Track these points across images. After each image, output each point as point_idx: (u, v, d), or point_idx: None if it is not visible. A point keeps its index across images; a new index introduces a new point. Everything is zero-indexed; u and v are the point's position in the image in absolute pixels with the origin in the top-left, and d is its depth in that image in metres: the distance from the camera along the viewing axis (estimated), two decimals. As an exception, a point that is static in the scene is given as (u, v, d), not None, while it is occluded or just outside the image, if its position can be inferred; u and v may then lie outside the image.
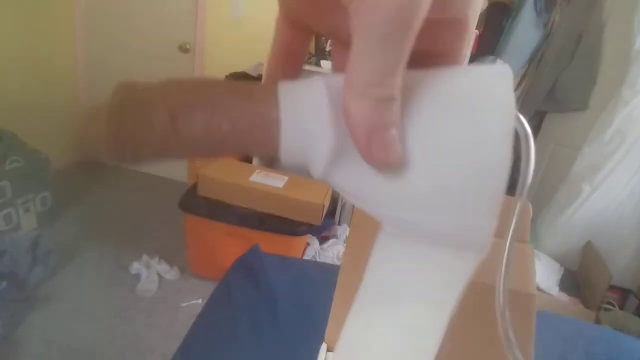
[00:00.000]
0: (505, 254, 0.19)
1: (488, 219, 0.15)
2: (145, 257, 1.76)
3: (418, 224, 0.17)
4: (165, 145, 0.16)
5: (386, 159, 0.15)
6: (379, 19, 0.13)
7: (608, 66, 1.68)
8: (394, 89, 0.14)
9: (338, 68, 0.21)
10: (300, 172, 1.52)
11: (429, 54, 0.18)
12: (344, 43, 0.19)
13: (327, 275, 0.73)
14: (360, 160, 0.16)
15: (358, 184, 0.17)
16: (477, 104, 0.15)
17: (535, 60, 1.88)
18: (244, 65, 2.11)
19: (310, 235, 1.69)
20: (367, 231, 0.56)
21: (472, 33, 0.17)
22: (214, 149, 0.17)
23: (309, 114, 0.16)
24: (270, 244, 1.14)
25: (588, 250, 1.71)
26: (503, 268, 0.19)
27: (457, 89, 0.16)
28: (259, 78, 1.97)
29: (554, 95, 1.83)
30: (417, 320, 0.20)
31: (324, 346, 0.53)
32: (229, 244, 1.53)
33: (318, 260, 1.66)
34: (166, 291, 1.67)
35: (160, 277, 1.72)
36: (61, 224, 1.97)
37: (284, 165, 0.18)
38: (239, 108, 0.17)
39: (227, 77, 2.06)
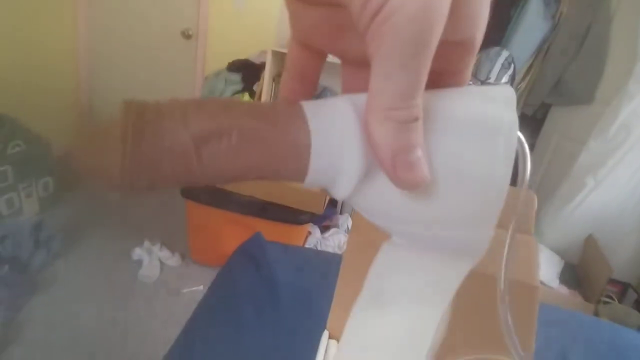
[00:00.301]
0: (507, 245, 0.20)
1: (489, 229, 0.17)
2: (147, 243, 1.77)
3: (429, 236, 0.18)
4: (186, 175, 0.15)
5: (413, 179, 0.15)
6: (399, 43, 0.13)
7: (615, 59, 1.65)
8: (416, 110, 0.15)
9: (348, 88, 0.21)
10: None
11: (434, 74, 0.18)
12: (354, 64, 0.20)
13: (328, 263, 0.74)
14: (383, 180, 0.16)
15: (380, 203, 0.17)
16: (486, 127, 0.16)
17: (542, 52, 1.86)
18: (246, 52, 2.09)
19: (311, 224, 1.69)
20: (371, 223, 0.56)
21: (476, 53, 0.18)
22: (238, 176, 0.16)
23: (339, 138, 0.16)
24: (272, 232, 1.14)
25: (589, 244, 1.72)
26: (505, 257, 0.20)
27: (468, 112, 0.16)
28: (262, 66, 1.95)
29: (560, 88, 1.81)
30: (415, 320, 0.22)
31: (325, 333, 0.54)
32: (231, 232, 1.54)
33: (319, 249, 1.67)
34: (168, 277, 1.68)
35: (162, 264, 1.73)
36: (63, 209, 1.97)
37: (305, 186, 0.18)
38: (267, 133, 0.16)
39: (229, 64, 2.04)
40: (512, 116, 0.16)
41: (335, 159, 0.16)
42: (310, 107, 0.16)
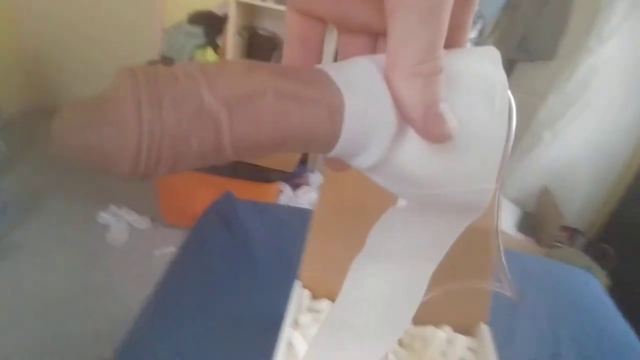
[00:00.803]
0: (498, 195, 0.21)
1: (492, 183, 0.17)
2: (112, 207, 1.71)
3: (440, 196, 0.18)
4: (214, 149, 0.13)
5: (442, 132, 0.15)
6: None
7: (578, 14, 1.68)
8: (439, 62, 0.15)
9: (346, 57, 0.20)
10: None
11: None
12: (352, 32, 0.19)
13: (299, 217, 0.74)
14: (404, 142, 0.16)
15: (399, 166, 0.17)
16: (485, 85, 0.17)
17: (510, 6, 1.85)
18: (208, 3, 1.95)
19: (282, 182, 1.69)
20: (341, 178, 0.57)
21: (477, 5, 0.18)
22: (271, 146, 0.14)
23: (369, 99, 0.15)
24: (243, 191, 1.13)
25: (544, 194, 1.83)
26: (497, 205, 0.21)
27: (468, 70, 0.17)
28: (225, 18, 1.84)
29: (526, 44, 1.83)
30: (411, 275, 0.23)
31: (297, 283, 0.55)
32: (201, 193, 1.51)
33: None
34: (138, 240, 1.65)
35: (131, 227, 1.69)
36: (18, 175, 1.86)
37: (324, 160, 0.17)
38: (304, 93, 0.14)
39: (190, 15, 1.91)
40: (503, 74, 0.17)
41: (368, 120, 0.15)
42: (333, 69, 0.16)
